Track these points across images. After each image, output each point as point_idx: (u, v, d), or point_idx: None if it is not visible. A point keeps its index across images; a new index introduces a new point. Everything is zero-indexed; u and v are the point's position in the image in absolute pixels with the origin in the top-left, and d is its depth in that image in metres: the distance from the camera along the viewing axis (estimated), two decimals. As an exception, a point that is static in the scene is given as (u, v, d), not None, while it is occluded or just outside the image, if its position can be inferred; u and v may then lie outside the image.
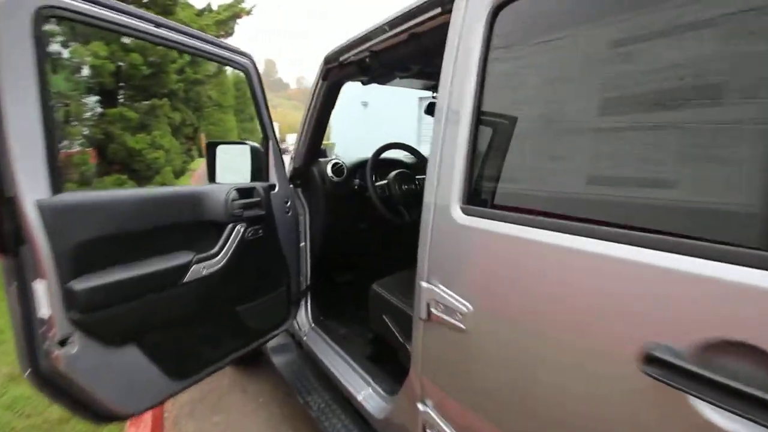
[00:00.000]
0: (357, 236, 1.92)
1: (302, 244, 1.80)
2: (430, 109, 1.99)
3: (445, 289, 0.89)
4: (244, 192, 1.40)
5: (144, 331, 1.13)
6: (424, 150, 2.16)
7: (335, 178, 1.72)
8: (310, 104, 1.67)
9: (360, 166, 1.82)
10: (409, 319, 1.37)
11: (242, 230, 1.37)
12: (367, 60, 1.37)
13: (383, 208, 1.62)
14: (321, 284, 1.99)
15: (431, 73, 1.69)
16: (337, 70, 1.53)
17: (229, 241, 1.33)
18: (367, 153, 1.86)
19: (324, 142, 1.81)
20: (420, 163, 1.88)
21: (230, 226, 1.33)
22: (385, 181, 1.71)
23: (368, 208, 1.81)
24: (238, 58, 1.42)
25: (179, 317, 1.22)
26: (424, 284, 0.94)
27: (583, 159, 0.71)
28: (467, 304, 0.84)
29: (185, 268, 1.18)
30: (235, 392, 2.18)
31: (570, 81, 0.73)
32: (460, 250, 0.87)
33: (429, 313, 0.94)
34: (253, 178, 1.58)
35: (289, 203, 1.65)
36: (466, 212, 0.85)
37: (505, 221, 0.77)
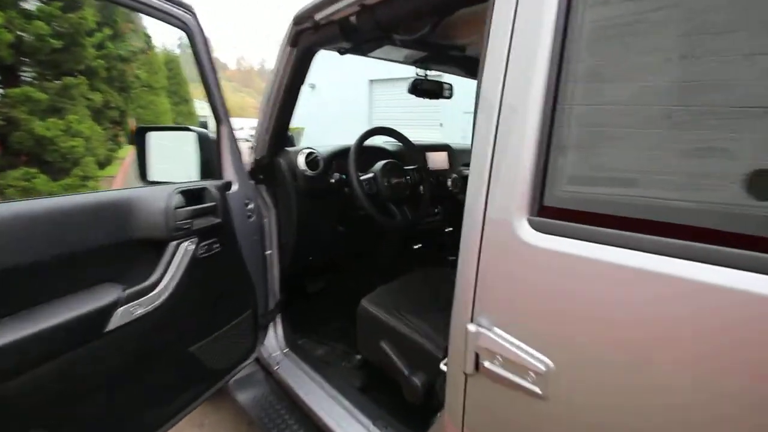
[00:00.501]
0: (335, 239, 1.61)
1: (269, 252, 1.45)
2: (418, 89, 1.70)
3: (505, 335, 0.63)
4: (191, 195, 1.03)
5: (52, 411, 0.76)
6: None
7: (309, 172, 1.39)
8: (275, 79, 1.31)
9: (337, 157, 1.49)
10: (419, 349, 1.10)
11: (192, 248, 1.01)
12: (355, 18, 1.05)
13: (371, 206, 1.32)
14: (293, 298, 1.67)
15: (441, 41, 1.40)
16: (311, 34, 1.19)
17: (174, 265, 0.97)
18: (324, 140, 1.56)
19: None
20: (408, 151, 1.59)
21: (174, 244, 0.97)
22: (370, 174, 1.41)
23: (349, 207, 1.50)
24: (174, 10, 1.03)
25: (104, 381, 0.86)
26: (470, 327, 0.67)
27: (746, 154, 0.47)
28: (545, 359, 0.59)
29: (109, 311, 0.82)
30: (192, 428, 1.81)
31: (728, 35, 0.47)
32: (530, 281, 0.60)
33: (478, 364, 0.68)
34: (203, 174, 1.21)
35: (251, 205, 1.29)
36: (538, 227, 0.59)
37: (609, 243, 0.52)
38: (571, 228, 0.56)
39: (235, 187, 1.23)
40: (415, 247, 1.91)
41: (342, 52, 1.33)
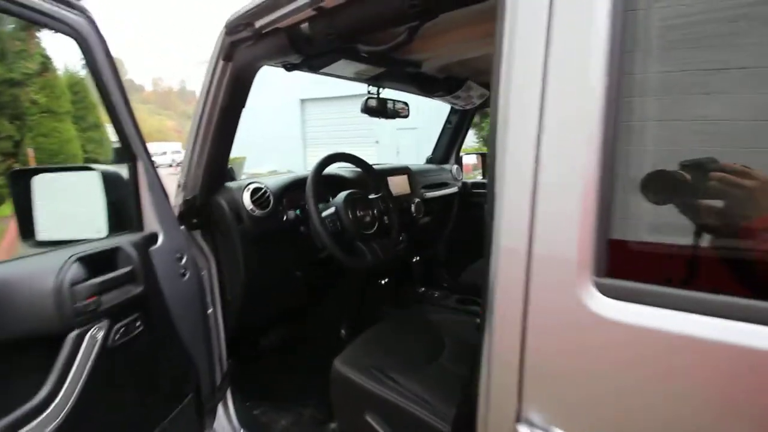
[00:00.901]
0: (292, 286, 1.36)
1: (210, 311, 1.17)
2: (372, 108, 1.53)
3: (573, 440, 0.46)
4: (97, 261, 0.75)
5: None
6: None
7: (258, 212, 1.14)
8: (205, 101, 1.06)
9: (289, 190, 1.26)
10: (418, 423, 0.90)
11: (101, 336, 0.73)
12: (308, 26, 0.85)
13: (337, 247, 1.11)
14: (243, 357, 1.38)
15: (401, 56, 1.24)
16: (251, 45, 0.97)
17: (76, 366, 0.68)
18: (257, 167, 1.34)
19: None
20: (368, 177, 1.41)
21: (73, 336, 0.69)
22: (332, 209, 1.20)
23: (307, 248, 1.27)
24: (61, 12, 0.76)
25: None
26: (522, 430, 0.49)
27: None
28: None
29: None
30: None
31: None
32: (605, 366, 0.44)
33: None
34: (114, 227, 0.92)
35: (184, 259, 1.02)
36: (610, 292, 0.43)
37: (721, 315, 0.38)
38: (661, 294, 0.41)
39: (161, 239, 0.95)
40: (382, 282, 1.72)
41: (289, 68, 1.13)
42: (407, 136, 12.71)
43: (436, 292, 1.72)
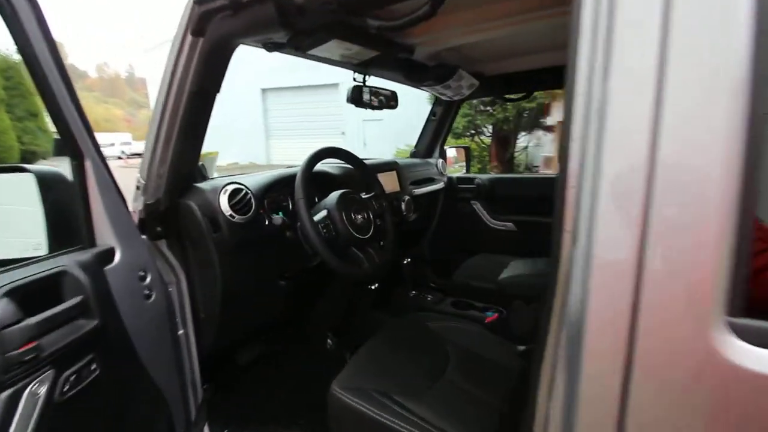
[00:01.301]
0: (275, 298, 1.21)
1: (181, 332, 1.00)
2: (360, 97, 1.39)
3: None
4: (33, 292, 0.57)
5: None
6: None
7: (238, 218, 0.97)
8: (170, 84, 0.88)
9: (271, 190, 1.09)
10: None
11: (44, 391, 0.56)
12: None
13: (333, 256, 0.97)
14: (220, 376, 1.22)
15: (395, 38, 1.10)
16: (227, 17, 0.80)
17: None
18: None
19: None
20: (359, 174, 1.27)
21: (5, 398, 0.51)
22: (323, 212, 1.05)
23: (294, 255, 1.12)
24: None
25: None
26: None
27: None
28: None
29: None
30: None
31: None
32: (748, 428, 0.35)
33: None
34: (56, 242, 0.73)
35: (148, 278, 0.84)
36: (751, 338, 0.33)
37: None
38: None
39: (118, 256, 0.77)
40: (372, 287, 1.59)
41: (270, 47, 0.96)
42: (373, 128, 12.54)
43: (429, 295, 1.62)
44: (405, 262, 1.70)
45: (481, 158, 7.50)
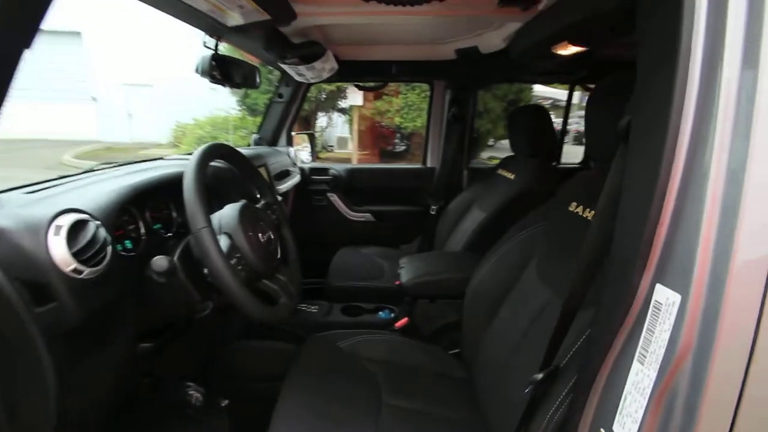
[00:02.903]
0: (134, 367, 0.79)
1: None
2: (213, 70, 1.06)
3: None
4: None
5: None
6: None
7: (87, 272, 0.54)
8: None
9: (126, 210, 0.68)
10: None
11: None
12: None
13: (256, 304, 0.69)
14: None
15: None
16: None
17: None
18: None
19: None
20: (244, 177, 0.95)
21: None
22: (226, 240, 0.71)
23: (166, 303, 0.75)
24: None
25: None
26: None
27: None
28: None
29: None
30: None
31: None
32: None
33: None
34: None
35: None
36: None
37: None
38: None
39: None
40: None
41: None
42: (139, 95, 10.15)
43: (312, 306, 1.43)
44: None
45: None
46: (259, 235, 0.80)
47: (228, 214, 0.77)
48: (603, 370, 0.51)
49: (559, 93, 9.77)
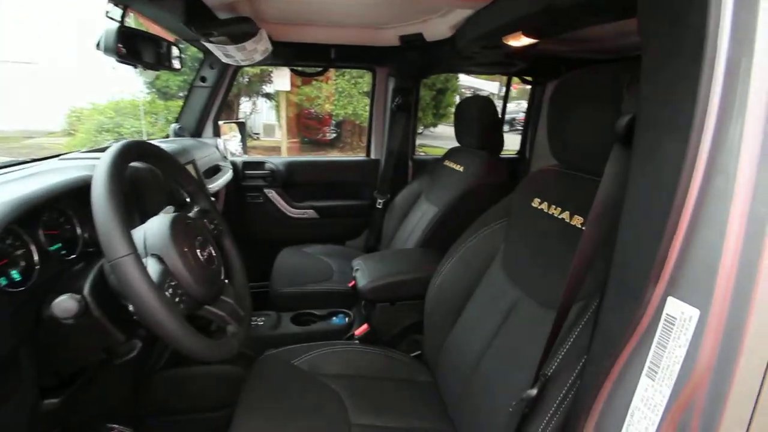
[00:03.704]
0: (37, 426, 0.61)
1: None
2: (116, 46, 0.87)
3: None
4: None
5: None
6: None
7: None
8: None
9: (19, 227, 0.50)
10: None
11: None
12: None
13: (201, 342, 0.56)
14: None
15: None
16: None
17: None
18: None
19: None
20: (170, 178, 0.77)
21: None
22: (156, 264, 0.56)
23: (76, 348, 0.59)
24: None
25: None
26: None
27: None
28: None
29: None
30: None
31: None
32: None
33: None
34: None
35: None
36: None
37: None
38: None
39: None
40: None
41: None
42: (19, 74, 8.53)
43: (259, 319, 1.27)
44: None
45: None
46: (198, 252, 0.66)
47: (155, 229, 0.62)
48: (606, 383, 0.48)
49: (479, 83, 10.27)
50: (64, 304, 0.51)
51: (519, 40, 1.07)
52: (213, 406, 1.03)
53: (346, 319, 1.30)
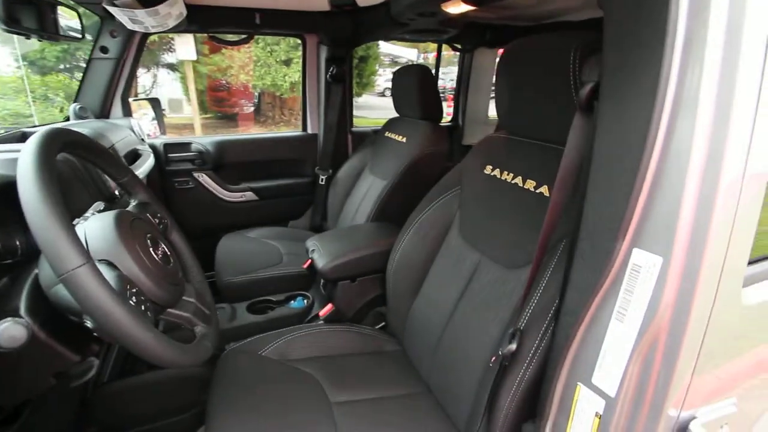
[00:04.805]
0: None
1: None
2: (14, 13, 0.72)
3: None
4: None
5: None
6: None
7: None
8: None
9: None
10: None
11: None
12: None
13: (176, 349, 0.49)
14: None
15: None
16: None
17: None
18: None
19: None
20: (111, 171, 0.66)
21: None
22: (109, 270, 0.48)
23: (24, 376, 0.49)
24: None
25: None
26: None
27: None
28: None
29: None
30: None
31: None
32: None
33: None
34: None
35: None
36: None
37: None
38: None
39: None
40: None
41: None
42: None
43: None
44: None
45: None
46: (151, 251, 0.59)
47: (97, 231, 0.53)
48: (579, 330, 0.53)
49: (398, 50, 10.22)
50: (9, 331, 0.42)
51: (458, 7, 1.07)
52: (179, 408, 0.96)
53: (305, 301, 1.27)
